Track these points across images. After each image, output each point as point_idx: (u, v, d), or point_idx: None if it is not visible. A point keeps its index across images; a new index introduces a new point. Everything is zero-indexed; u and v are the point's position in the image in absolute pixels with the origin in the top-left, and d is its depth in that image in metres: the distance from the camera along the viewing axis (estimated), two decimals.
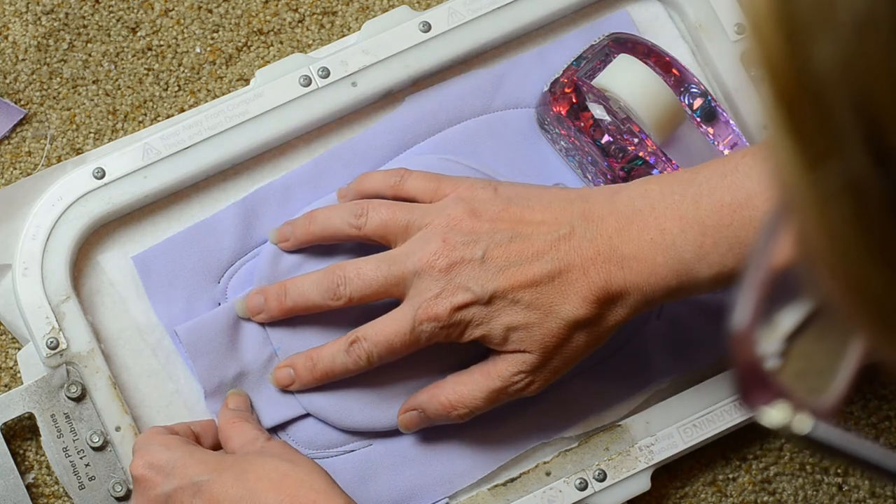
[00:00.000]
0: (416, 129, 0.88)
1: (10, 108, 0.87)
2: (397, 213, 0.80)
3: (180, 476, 0.75)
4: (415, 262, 0.78)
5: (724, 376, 0.86)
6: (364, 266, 0.79)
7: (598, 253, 0.77)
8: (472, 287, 0.77)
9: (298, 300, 0.81)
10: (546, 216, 0.78)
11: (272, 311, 0.82)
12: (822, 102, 0.37)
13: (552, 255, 0.77)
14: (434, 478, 0.84)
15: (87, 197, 0.84)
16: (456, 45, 0.88)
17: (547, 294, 0.77)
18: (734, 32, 0.89)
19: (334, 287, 0.80)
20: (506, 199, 0.79)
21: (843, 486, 0.88)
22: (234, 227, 0.85)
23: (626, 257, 0.76)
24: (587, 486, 0.84)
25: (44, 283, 0.82)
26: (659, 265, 0.76)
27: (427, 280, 0.78)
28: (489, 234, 0.78)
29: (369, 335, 0.80)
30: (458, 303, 0.77)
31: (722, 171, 0.76)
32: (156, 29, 0.89)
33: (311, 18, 0.90)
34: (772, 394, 0.45)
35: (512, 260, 0.77)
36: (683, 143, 0.85)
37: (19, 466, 0.82)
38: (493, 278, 0.77)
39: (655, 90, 0.84)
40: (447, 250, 0.78)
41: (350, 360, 0.80)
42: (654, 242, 0.76)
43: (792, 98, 0.38)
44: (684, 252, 0.75)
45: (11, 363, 0.84)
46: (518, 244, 0.78)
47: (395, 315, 0.79)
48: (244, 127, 0.85)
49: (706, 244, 0.75)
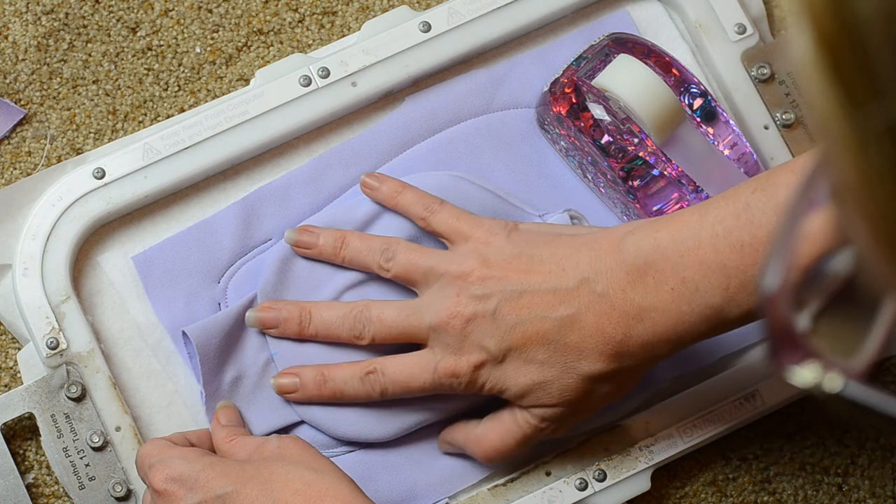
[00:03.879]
0: (416, 129, 0.88)
1: (10, 108, 0.87)
2: (420, 259, 0.81)
3: (203, 489, 0.75)
4: (432, 315, 0.79)
5: (725, 376, 0.86)
6: (387, 311, 0.81)
7: (612, 307, 0.76)
8: (487, 345, 0.78)
9: (321, 330, 0.82)
10: (552, 267, 0.78)
11: (289, 331, 0.83)
12: (864, 48, 0.37)
13: (562, 310, 0.77)
14: (434, 478, 0.84)
15: (87, 197, 0.84)
16: (456, 45, 0.88)
17: (562, 351, 0.77)
18: (734, 32, 0.89)
19: (360, 327, 0.81)
20: (516, 245, 0.80)
21: (843, 486, 0.88)
22: (234, 227, 0.85)
23: (644, 309, 0.75)
24: (587, 486, 0.84)
25: (44, 283, 0.82)
26: (685, 314, 0.75)
27: (445, 336, 0.79)
28: (500, 287, 0.78)
29: (388, 371, 0.81)
30: (475, 361, 0.79)
31: (734, 211, 0.74)
32: (156, 29, 0.89)
33: (311, 18, 0.90)
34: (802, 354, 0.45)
35: (522, 316, 0.78)
36: (683, 143, 0.85)
37: (19, 466, 0.82)
38: (506, 336, 0.78)
39: (655, 90, 0.84)
40: (461, 307, 0.79)
41: (364, 389, 0.81)
42: (675, 292, 0.75)
43: (834, 44, 0.38)
44: (711, 298, 0.74)
45: (11, 363, 0.84)
46: (528, 298, 0.78)
47: (417, 359, 0.80)
48: (244, 127, 0.85)
49: (732, 286, 0.74)
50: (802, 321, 0.47)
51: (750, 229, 0.73)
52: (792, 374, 0.46)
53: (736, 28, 0.89)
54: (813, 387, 0.45)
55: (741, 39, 0.89)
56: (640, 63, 0.84)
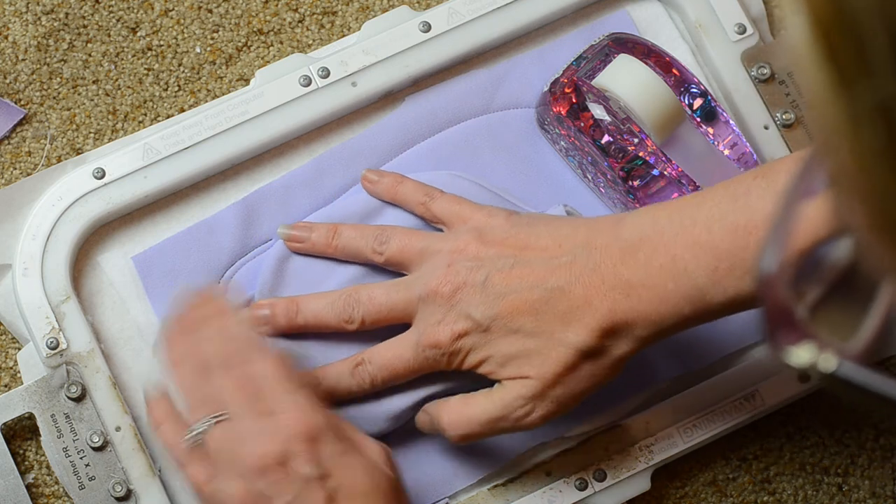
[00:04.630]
0: (416, 129, 0.88)
1: (10, 108, 0.87)
2: (413, 240, 0.81)
3: None
4: (421, 287, 0.79)
5: (725, 376, 0.86)
6: (376, 291, 0.81)
7: (602, 281, 0.76)
8: (472, 314, 0.77)
9: (311, 319, 0.82)
10: (550, 243, 0.78)
11: (280, 325, 0.82)
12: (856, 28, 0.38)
13: (552, 282, 0.76)
14: (434, 478, 0.84)
15: (87, 197, 0.84)
16: (456, 45, 0.88)
17: (548, 322, 0.76)
18: (734, 32, 0.89)
19: (349, 311, 0.81)
20: (515, 225, 0.79)
21: (843, 486, 0.88)
22: (234, 227, 0.85)
23: (632, 285, 0.75)
24: (587, 486, 0.84)
25: (44, 283, 0.82)
26: (670, 292, 0.74)
27: (432, 306, 0.78)
28: (493, 259, 0.78)
29: (374, 358, 0.80)
30: (459, 330, 0.78)
31: (733, 195, 0.74)
32: (156, 29, 0.89)
33: (311, 18, 0.90)
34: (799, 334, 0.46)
35: (512, 286, 0.77)
36: (683, 143, 0.85)
37: (19, 466, 0.82)
38: (493, 304, 0.77)
39: (655, 90, 0.84)
40: (451, 276, 0.78)
41: (354, 382, 0.80)
42: (663, 269, 0.74)
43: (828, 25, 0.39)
44: (698, 278, 0.74)
45: (11, 363, 0.84)
46: (519, 270, 0.77)
47: (399, 340, 0.80)
48: (244, 127, 0.85)
49: (721, 269, 0.73)
50: (801, 311, 0.47)
51: (746, 213, 0.73)
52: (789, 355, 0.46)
53: (736, 28, 0.89)
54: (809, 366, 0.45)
55: (741, 39, 0.89)
56: (640, 63, 0.84)
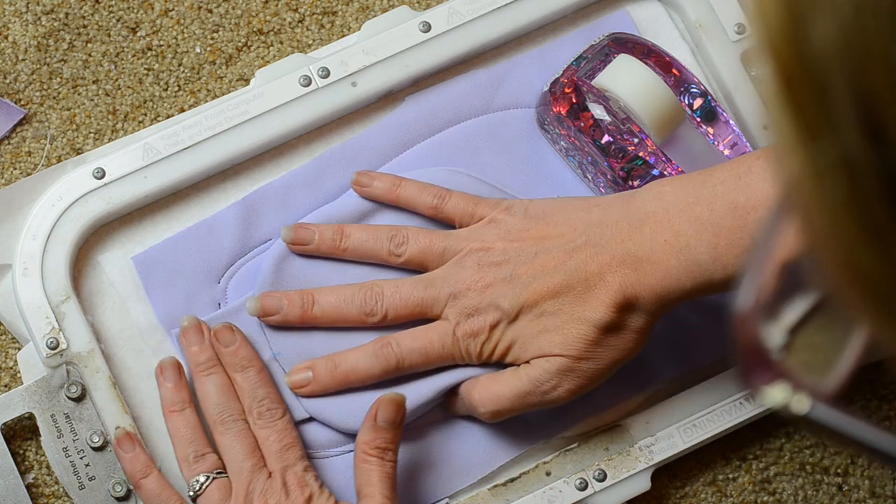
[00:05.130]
0: (416, 129, 0.88)
1: (10, 108, 0.87)
2: (434, 240, 0.82)
3: None
4: (452, 284, 0.81)
5: (724, 376, 0.86)
6: (402, 285, 0.82)
7: (612, 257, 0.78)
8: (502, 305, 0.80)
9: (329, 310, 0.82)
10: (566, 228, 0.80)
11: (293, 316, 0.82)
12: (819, 80, 0.38)
13: (570, 264, 0.79)
14: (434, 477, 0.84)
15: (87, 197, 0.84)
16: (456, 45, 0.88)
17: (569, 302, 0.79)
18: (734, 32, 0.89)
19: (372, 303, 0.82)
20: (533, 217, 0.81)
21: (843, 486, 0.88)
22: (234, 228, 0.85)
23: (640, 260, 0.77)
24: (587, 486, 0.84)
25: (44, 283, 0.82)
26: (673, 267, 0.76)
27: (463, 301, 0.80)
28: (517, 253, 0.80)
29: (404, 342, 0.81)
30: (492, 321, 0.80)
31: (736, 173, 0.76)
32: (156, 29, 0.89)
33: (311, 18, 0.90)
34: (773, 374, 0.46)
35: (536, 274, 0.80)
36: (683, 143, 0.85)
37: (19, 466, 0.82)
38: (520, 294, 0.80)
39: (655, 90, 0.84)
40: (481, 274, 0.80)
41: (378, 362, 0.81)
42: (667, 244, 0.76)
43: (791, 75, 0.38)
44: (699, 254, 0.76)
45: (11, 363, 0.84)
46: (542, 259, 0.80)
47: (433, 327, 0.81)
48: (244, 127, 0.85)
49: (721, 246, 0.75)
50: (778, 334, 0.47)
51: (746, 192, 0.75)
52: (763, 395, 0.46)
53: (736, 28, 0.89)
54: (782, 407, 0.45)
55: (741, 39, 0.89)
56: (640, 63, 0.84)
